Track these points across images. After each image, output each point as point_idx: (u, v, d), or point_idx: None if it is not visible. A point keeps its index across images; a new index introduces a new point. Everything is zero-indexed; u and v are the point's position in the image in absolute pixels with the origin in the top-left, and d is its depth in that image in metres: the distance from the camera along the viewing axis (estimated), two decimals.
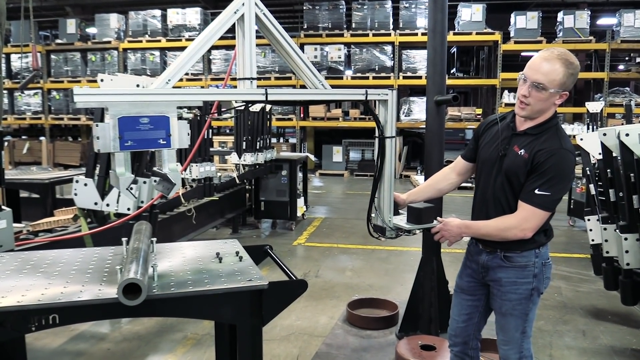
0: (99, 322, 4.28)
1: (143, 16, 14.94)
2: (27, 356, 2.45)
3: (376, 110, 2.55)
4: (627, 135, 3.62)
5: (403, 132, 14.71)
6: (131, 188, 2.05)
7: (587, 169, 4.91)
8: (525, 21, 13.32)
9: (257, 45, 2.23)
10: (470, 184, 11.55)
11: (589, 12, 13.47)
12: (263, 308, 1.97)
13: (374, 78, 13.79)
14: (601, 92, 13.70)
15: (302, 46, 13.99)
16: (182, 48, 13.44)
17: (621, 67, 15.99)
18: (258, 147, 7.17)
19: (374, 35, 13.79)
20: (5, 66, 15.54)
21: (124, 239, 2.19)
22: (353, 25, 14.02)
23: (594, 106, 8.11)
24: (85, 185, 3.50)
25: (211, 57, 14.65)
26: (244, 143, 7.00)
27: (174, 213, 5.38)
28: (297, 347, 3.99)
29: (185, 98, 2.13)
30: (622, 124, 7.41)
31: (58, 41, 15.79)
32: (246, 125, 7.05)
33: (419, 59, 13.69)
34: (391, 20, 13.98)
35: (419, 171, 13.36)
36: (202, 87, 13.94)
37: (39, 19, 16.67)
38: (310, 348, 3.96)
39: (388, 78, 13.78)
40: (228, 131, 15.75)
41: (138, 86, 3.15)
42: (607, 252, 4.09)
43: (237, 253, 2.34)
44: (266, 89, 2.23)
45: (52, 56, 15.70)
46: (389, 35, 13.78)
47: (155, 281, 1.94)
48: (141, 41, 14.84)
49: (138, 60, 14.87)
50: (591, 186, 4.68)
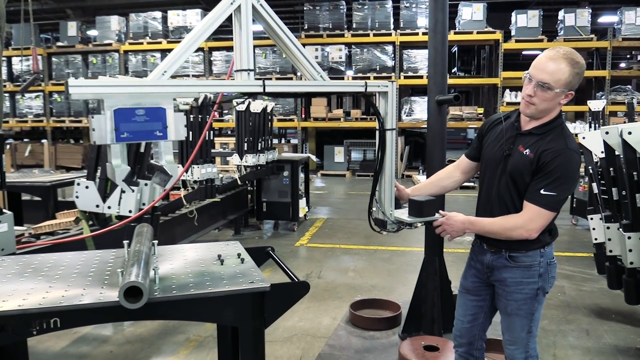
0: (102, 325, 4.28)
1: (144, 18, 14.96)
2: (30, 359, 2.45)
3: (377, 103, 2.54)
4: (630, 133, 3.61)
5: (405, 132, 14.69)
6: (129, 181, 2.02)
7: (590, 168, 4.89)
8: (526, 20, 13.30)
9: (258, 46, 2.22)
10: (472, 184, 11.53)
11: (590, 10, 13.44)
12: (265, 310, 1.96)
13: (375, 78, 13.77)
14: (603, 91, 13.67)
15: (303, 47, 13.94)
16: None
17: (623, 65, 15.95)
18: (260, 148, 7.16)
19: (375, 35, 13.78)
20: (6, 69, 15.56)
21: (125, 242, 2.19)
22: (354, 25, 14.02)
23: (596, 104, 8.09)
24: (86, 187, 3.48)
25: (212, 59, 14.66)
26: (246, 144, 7.00)
27: (176, 215, 5.38)
28: (300, 349, 3.98)
29: (181, 90, 2.12)
30: (625, 122, 7.39)
31: (59, 44, 15.81)
32: (247, 126, 7.04)
33: (420, 59, 13.68)
34: (392, 20, 13.97)
35: (421, 171, 13.34)
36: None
37: (40, 22, 16.70)
38: (313, 349, 3.94)
39: (389, 78, 13.76)
40: (229, 132, 15.75)
41: None
42: (611, 251, 4.07)
43: (239, 255, 2.33)
44: (264, 80, 2.22)
45: (54, 59, 15.72)
46: (390, 35, 13.77)
47: (156, 284, 1.94)
48: (142, 43, 14.86)
49: (139, 62, 14.88)
50: (594, 185, 4.66)
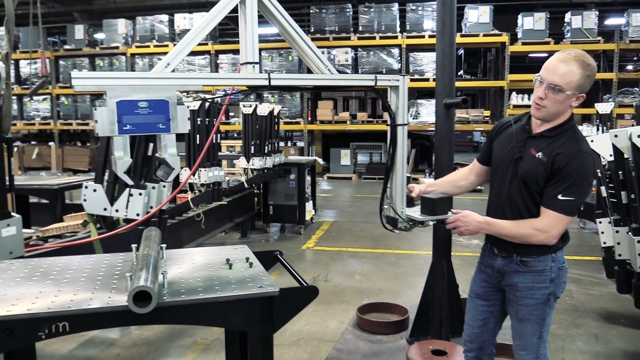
0: (109, 328, 4.29)
1: (150, 21, 15.02)
2: None
3: (388, 99, 2.51)
4: (639, 136, 3.58)
5: (411, 135, 14.66)
6: (132, 175, 2.02)
7: (598, 171, 4.86)
8: (532, 22, 13.25)
9: (265, 49, 2.21)
10: (479, 187, 11.48)
11: (597, 12, 13.38)
12: (274, 315, 1.95)
13: None
14: (610, 93, 13.61)
15: None
16: (191, 53, 13.53)
17: (630, 67, 15.89)
18: (266, 151, 7.17)
19: (381, 38, 13.78)
20: (14, 72, 15.66)
21: (134, 245, 2.18)
22: (360, 28, 14.02)
23: (604, 107, 8.04)
24: (94, 191, 3.48)
25: (219, 62, 14.69)
26: (252, 147, 7.00)
27: (183, 218, 5.39)
28: (307, 352, 3.97)
29: (184, 82, 2.10)
30: (632, 125, 7.34)
31: (66, 47, 15.90)
32: (254, 129, 7.05)
33: (426, 62, 13.66)
34: (398, 23, 13.96)
35: (427, 173, 13.31)
36: (210, 91, 14.00)
37: (47, 25, 16.80)
38: (320, 353, 3.93)
39: None
40: (236, 135, 15.76)
41: None
42: (620, 255, 4.04)
43: (247, 259, 2.33)
44: (269, 73, 2.19)
45: (61, 62, 15.82)
46: (396, 37, 13.76)
47: (165, 288, 1.93)
48: (149, 46, 14.91)
49: (146, 65, 14.93)
50: (602, 188, 4.62)
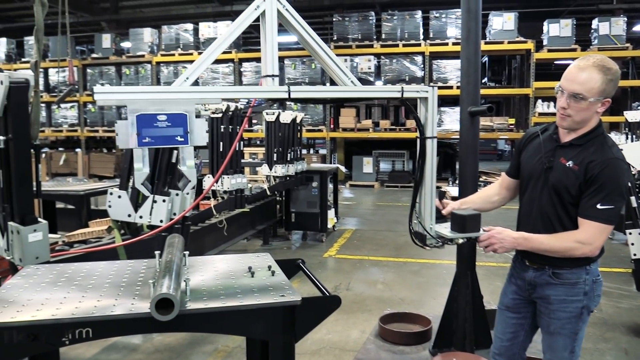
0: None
1: (176, 30, 15.22)
2: None
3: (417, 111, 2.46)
4: None
5: None
6: (155, 182, 2.06)
7: (628, 181, 4.75)
8: (558, 29, 13.07)
9: (287, 57, 2.22)
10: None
11: (625, 19, 13.12)
12: (296, 324, 1.94)
13: None
14: (639, 101, 13.32)
15: None
16: (214, 61, 13.65)
17: None
18: (289, 159, 7.17)
19: (404, 45, 13.72)
20: (43, 80, 16.01)
21: (157, 252, 2.19)
22: (383, 36, 13.99)
23: (633, 115, 7.85)
24: (119, 197, 3.52)
25: (242, 70, 14.81)
26: (275, 155, 7.01)
27: (206, 225, 5.41)
28: None
29: (203, 95, 2.12)
30: None
31: (94, 55, 16.22)
32: (277, 136, 7.07)
33: (450, 69, 13.57)
34: (421, 30, 13.89)
35: (451, 182, 13.18)
36: (233, 100, 14.12)
37: (76, 35, 17.14)
38: None
39: None
40: (259, 143, 15.83)
41: None
42: None
43: (270, 267, 2.32)
44: (289, 86, 2.19)
45: (88, 70, 16.12)
46: (419, 45, 13.70)
47: (187, 295, 1.93)
48: (174, 54, 15.11)
49: (170, 73, 15.12)
50: (632, 198, 4.51)
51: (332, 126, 14.63)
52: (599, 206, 2.15)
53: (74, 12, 16.48)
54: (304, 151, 15.20)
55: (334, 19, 14.43)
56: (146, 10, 17.95)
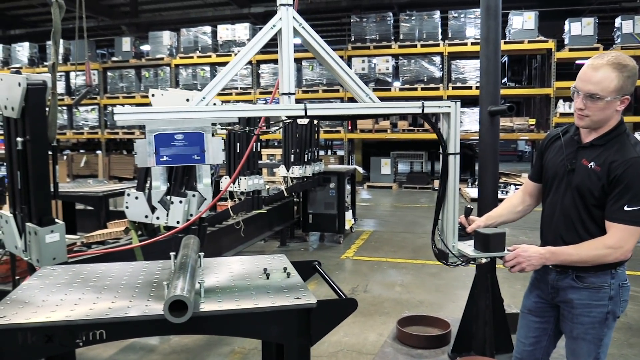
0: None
1: (194, 33, 15.33)
2: None
3: (438, 124, 2.41)
4: None
5: None
6: (169, 201, 2.11)
7: None
8: (580, 28, 12.86)
9: (305, 58, 2.22)
10: None
11: None
12: (311, 327, 1.90)
13: (423, 89, 13.60)
14: None
15: (350, 58, 13.98)
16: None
17: None
18: (306, 160, 7.15)
19: (422, 46, 13.63)
20: (64, 83, 16.25)
21: (172, 253, 2.18)
22: (401, 36, 13.92)
23: None
24: (136, 198, 3.53)
25: (260, 72, 14.85)
26: (292, 156, 7.00)
27: (223, 226, 5.41)
28: None
29: (219, 115, 2.13)
30: None
31: (114, 59, 16.40)
32: (294, 137, 7.05)
33: (469, 69, 13.44)
34: (440, 30, 13.79)
35: (470, 183, 13.03)
36: (251, 101, 14.15)
37: (96, 38, 17.40)
38: None
39: (437, 89, 13.58)
40: (276, 144, 15.86)
41: (188, 100, 3.20)
42: None
43: (285, 269, 2.28)
44: (305, 104, 2.18)
45: (109, 73, 16.31)
46: (438, 45, 13.59)
47: (201, 297, 1.91)
48: (192, 57, 15.21)
49: (189, 75, 15.23)
50: None
51: (350, 127, 14.58)
52: (626, 208, 2.08)
53: (95, 16, 16.73)
54: (322, 152, 15.20)
55: (352, 20, 14.40)
56: (165, 13, 18.14)
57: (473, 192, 10.84)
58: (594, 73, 2.11)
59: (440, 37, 13.73)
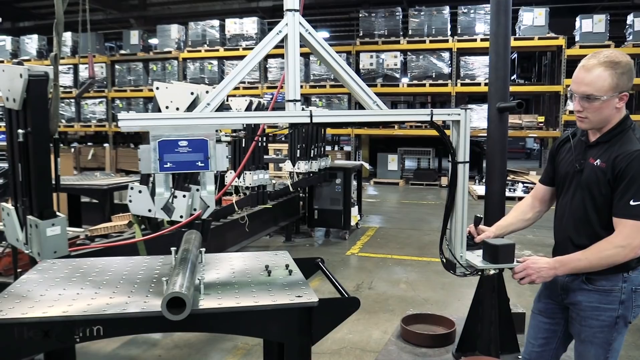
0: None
1: (202, 26, 15.30)
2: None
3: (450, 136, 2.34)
4: None
5: None
6: (172, 207, 2.12)
7: None
8: (591, 25, 12.71)
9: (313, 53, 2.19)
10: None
11: None
12: (312, 326, 1.86)
13: (431, 85, 13.52)
14: None
15: (358, 53, 13.91)
16: (240, 57, 13.63)
17: None
18: (312, 155, 7.11)
19: (431, 41, 13.54)
20: (72, 76, 16.27)
21: (173, 249, 2.15)
22: (409, 31, 13.83)
23: None
24: (139, 192, 3.50)
25: (267, 66, 14.81)
26: (298, 151, 6.96)
27: (227, 220, 5.38)
28: None
29: (223, 122, 2.12)
30: None
31: (122, 52, 16.41)
32: (301, 133, 7.01)
33: (478, 65, 13.34)
34: (449, 26, 13.70)
35: (477, 180, 12.95)
36: (258, 95, 14.11)
37: (105, 31, 17.42)
38: None
39: (445, 85, 13.48)
40: (283, 139, 15.80)
41: (192, 94, 3.17)
42: None
43: (287, 266, 2.25)
44: (311, 111, 2.16)
45: (117, 66, 16.32)
46: (447, 41, 13.50)
47: (201, 294, 1.88)
48: (200, 51, 15.19)
49: (197, 69, 15.21)
50: None
51: None
52: (632, 202, 2.04)
53: (103, 9, 16.73)
54: (329, 148, 15.13)
55: (360, 15, 14.32)
56: (173, 7, 18.11)
57: (480, 190, 10.77)
58: (587, 74, 2.10)
59: (449, 33, 13.64)
